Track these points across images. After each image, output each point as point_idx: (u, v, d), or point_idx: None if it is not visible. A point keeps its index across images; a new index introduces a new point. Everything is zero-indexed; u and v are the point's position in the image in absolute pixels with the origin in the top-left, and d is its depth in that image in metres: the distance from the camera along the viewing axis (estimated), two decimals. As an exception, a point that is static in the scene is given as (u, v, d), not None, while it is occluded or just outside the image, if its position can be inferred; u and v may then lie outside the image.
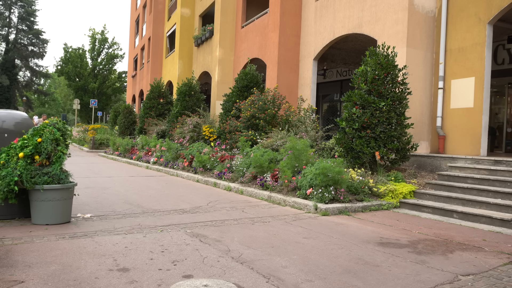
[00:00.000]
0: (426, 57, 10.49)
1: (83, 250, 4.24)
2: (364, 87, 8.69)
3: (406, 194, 7.83)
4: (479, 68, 9.43)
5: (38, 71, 57.42)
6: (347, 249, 4.69)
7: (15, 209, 5.50)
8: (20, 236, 4.71)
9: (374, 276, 3.79)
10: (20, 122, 5.73)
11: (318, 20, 13.40)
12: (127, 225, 5.46)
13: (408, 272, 3.93)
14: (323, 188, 7.20)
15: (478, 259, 4.45)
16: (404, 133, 8.77)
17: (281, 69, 14.13)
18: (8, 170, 5.07)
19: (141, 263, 3.89)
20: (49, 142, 5.31)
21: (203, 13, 21.29)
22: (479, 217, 6.48)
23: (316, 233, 5.40)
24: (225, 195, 8.46)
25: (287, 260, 4.16)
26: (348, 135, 8.80)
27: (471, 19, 9.66)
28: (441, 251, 4.75)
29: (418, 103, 10.32)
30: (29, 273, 3.54)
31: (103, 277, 3.49)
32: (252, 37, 16.30)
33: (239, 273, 3.74)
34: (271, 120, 12.19)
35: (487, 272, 4.03)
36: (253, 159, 9.04)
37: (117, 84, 55.84)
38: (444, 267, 4.14)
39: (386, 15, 10.71)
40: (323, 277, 3.71)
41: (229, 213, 6.55)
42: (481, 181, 7.68)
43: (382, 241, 5.10)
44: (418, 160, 9.57)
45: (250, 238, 5.02)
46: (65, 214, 5.43)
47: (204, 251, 4.37)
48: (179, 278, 3.53)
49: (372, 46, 9.21)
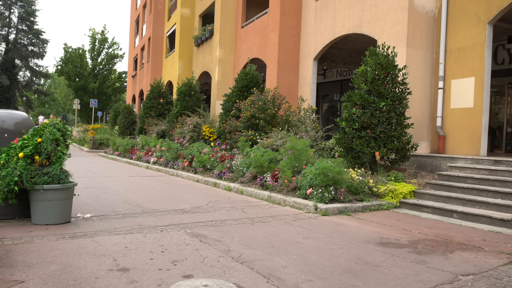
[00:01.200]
0: (426, 57, 10.49)
1: (83, 250, 4.24)
2: (364, 87, 8.69)
3: (406, 194, 7.83)
4: (479, 68, 9.43)
5: (38, 71, 57.44)
6: (347, 249, 4.69)
7: (15, 209, 5.50)
8: (20, 236, 4.71)
9: (374, 276, 3.79)
10: (20, 122, 5.73)
11: (318, 20, 13.41)
12: (127, 225, 5.46)
13: (408, 272, 3.93)
14: (323, 188, 7.20)
15: (478, 259, 4.45)
16: (404, 133, 8.77)
17: (281, 69, 14.13)
18: (8, 170, 5.07)
19: (141, 263, 3.89)
20: (49, 142, 5.31)
21: (203, 13, 21.29)
22: (479, 217, 6.48)
23: (316, 233, 5.40)
24: (225, 195, 8.45)
25: (287, 260, 4.16)
26: (348, 135, 8.80)
27: (471, 19, 9.66)
28: (441, 251, 4.75)
29: (418, 103, 10.32)
30: (29, 273, 3.54)
31: (103, 277, 3.49)
32: (252, 37, 16.30)
33: (239, 273, 3.74)
34: (271, 120, 12.19)
35: (487, 272, 4.03)
36: (253, 159, 9.04)
37: (117, 84, 55.83)
38: (444, 267, 4.14)
39: (386, 15, 10.72)
40: (323, 277, 3.71)
41: (229, 213, 6.54)
42: (481, 181, 7.68)
43: (382, 241, 5.10)
44: (418, 160, 9.57)
45: (250, 238, 5.02)
46: (65, 214, 5.43)
47: (204, 251, 4.37)
48: (179, 278, 3.53)
49: (372, 46, 9.21)
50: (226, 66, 18.02)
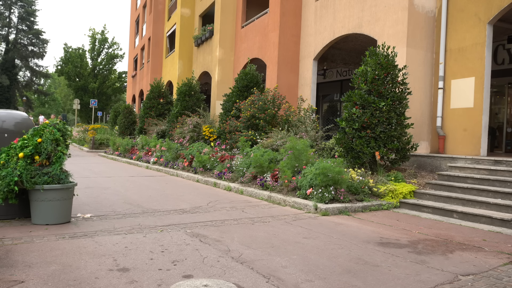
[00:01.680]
0: (426, 57, 10.49)
1: (83, 250, 4.24)
2: (364, 87, 8.69)
3: (406, 194, 7.83)
4: (479, 68, 9.43)
5: (38, 71, 57.43)
6: (347, 249, 4.70)
7: (15, 209, 5.51)
8: (20, 236, 4.71)
9: (374, 276, 3.79)
10: (20, 122, 5.74)
11: (318, 20, 13.41)
12: (127, 225, 5.46)
13: (408, 272, 3.94)
14: (323, 188, 7.20)
15: (478, 259, 4.46)
16: (404, 133, 8.78)
17: (281, 69, 14.14)
18: (8, 170, 5.08)
19: (141, 263, 3.89)
20: (49, 142, 5.32)
21: (203, 13, 21.29)
22: (479, 217, 6.48)
23: (316, 233, 5.40)
24: (225, 195, 8.46)
25: (287, 260, 4.17)
26: (348, 135, 8.81)
27: (471, 19, 9.66)
28: (441, 251, 4.75)
29: (418, 103, 10.32)
30: (29, 273, 3.54)
31: (103, 277, 3.50)
32: (252, 37, 16.30)
33: (239, 273, 3.74)
34: (271, 120, 12.19)
35: (487, 272, 4.04)
36: (253, 159, 9.04)
37: (117, 84, 55.84)
38: (444, 267, 4.15)
39: (386, 15, 10.72)
40: (323, 277, 3.71)
41: (229, 213, 6.55)
42: (481, 181, 7.68)
43: (382, 241, 5.11)
44: (418, 160, 9.57)
45: (250, 238, 5.03)
46: (65, 214, 5.43)
47: (204, 251, 4.37)
48: (179, 278, 3.54)
49: (372, 46, 9.21)
50: (226, 66, 18.02)
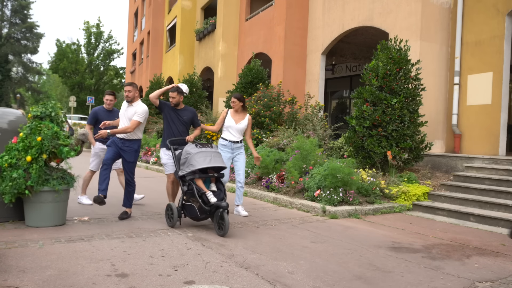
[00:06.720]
0: (441, 51, 10.44)
1: (80, 255, 4.26)
2: (375, 83, 8.66)
3: (419, 196, 7.80)
4: (498, 62, 9.37)
5: (31, 67, 57.65)
6: (357, 254, 4.68)
7: (9, 211, 5.53)
8: (14, 239, 4.74)
9: (386, 283, 3.78)
10: (14, 121, 5.74)
11: (326, 12, 13.38)
12: (126, 229, 5.48)
13: (421, 279, 3.92)
14: (331, 190, 7.19)
15: (496, 265, 4.43)
16: (417, 131, 8.74)
17: (287, 64, 14.12)
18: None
19: (141, 268, 3.91)
20: (49, 139, 5.27)
21: (205, 6, 21.29)
22: (497, 220, 6.44)
23: (324, 237, 5.39)
24: (229, 197, 8.45)
25: (293, 266, 4.16)
26: (358, 133, 8.78)
27: (489, 10, 9.59)
28: (457, 256, 4.73)
29: (432, 100, 10.27)
30: (24, 278, 3.56)
31: (101, 283, 3.51)
32: (257, 31, 16.29)
33: (243, 279, 3.74)
34: (277, 118, 12.19)
35: (506, 278, 4.01)
36: (257, 159, 9.04)
37: (114, 81, 55.95)
38: (460, 273, 4.13)
39: (398, 6, 10.67)
40: (332, 284, 3.71)
41: (232, 216, 6.55)
42: (499, 182, 7.64)
43: (394, 246, 5.09)
44: (432, 160, 9.53)
45: (255, 242, 5.03)
46: (60, 217, 5.46)
47: (207, 256, 4.38)
48: (180, 284, 3.54)
49: (384, 40, 9.18)
50: (230, 61, 18.01)
